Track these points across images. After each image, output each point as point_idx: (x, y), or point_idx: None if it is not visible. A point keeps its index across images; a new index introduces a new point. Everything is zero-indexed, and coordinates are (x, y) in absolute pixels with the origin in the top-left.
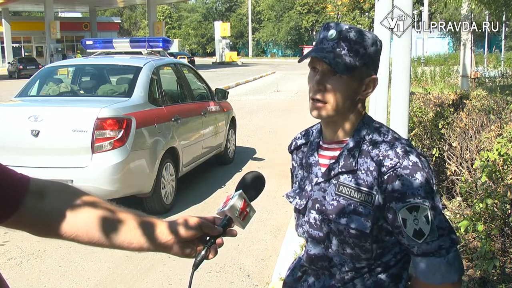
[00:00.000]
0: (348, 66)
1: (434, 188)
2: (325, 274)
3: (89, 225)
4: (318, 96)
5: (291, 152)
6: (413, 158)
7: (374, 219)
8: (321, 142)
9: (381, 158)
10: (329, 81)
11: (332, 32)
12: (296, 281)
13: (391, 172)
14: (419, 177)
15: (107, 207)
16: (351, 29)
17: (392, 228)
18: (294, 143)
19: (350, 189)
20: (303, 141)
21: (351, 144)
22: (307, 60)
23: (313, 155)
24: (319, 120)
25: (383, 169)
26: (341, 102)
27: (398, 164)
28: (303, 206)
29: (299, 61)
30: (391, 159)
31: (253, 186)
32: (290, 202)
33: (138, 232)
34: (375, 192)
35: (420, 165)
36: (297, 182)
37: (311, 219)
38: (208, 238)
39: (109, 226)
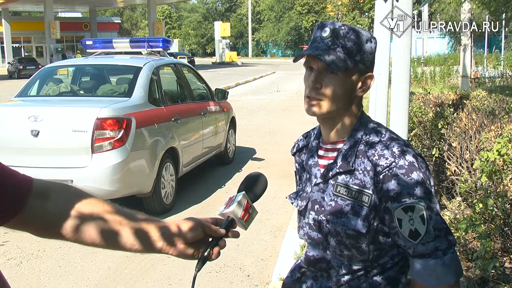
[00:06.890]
0: (343, 63)
1: (431, 188)
2: (323, 276)
3: (90, 227)
4: (314, 94)
5: (293, 154)
6: (409, 157)
7: (371, 219)
8: (320, 144)
9: (377, 157)
10: (325, 79)
11: (326, 31)
12: (295, 282)
13: (387, 172)
14: (415, 176)
15: (108, 208)
16: (344, 27)
17: (389, 229)
18: (296, 145)
19: (348, 190)
20: (304, 143)
21: (348, 145)
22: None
23: (312, 156)
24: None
25: (379, 168)
26: (337, 100)
27: (394, 163)
28: (303, 207)
29: (294, 61)
30: (387, 159)
31: (255, 187)
32: (292, 203)
33: (137, 236)
34: (371, 192)
35: (416, 165)
36: (300, 184)
37: (310, 220)
38: (210, 239)
39: (110, 228)
